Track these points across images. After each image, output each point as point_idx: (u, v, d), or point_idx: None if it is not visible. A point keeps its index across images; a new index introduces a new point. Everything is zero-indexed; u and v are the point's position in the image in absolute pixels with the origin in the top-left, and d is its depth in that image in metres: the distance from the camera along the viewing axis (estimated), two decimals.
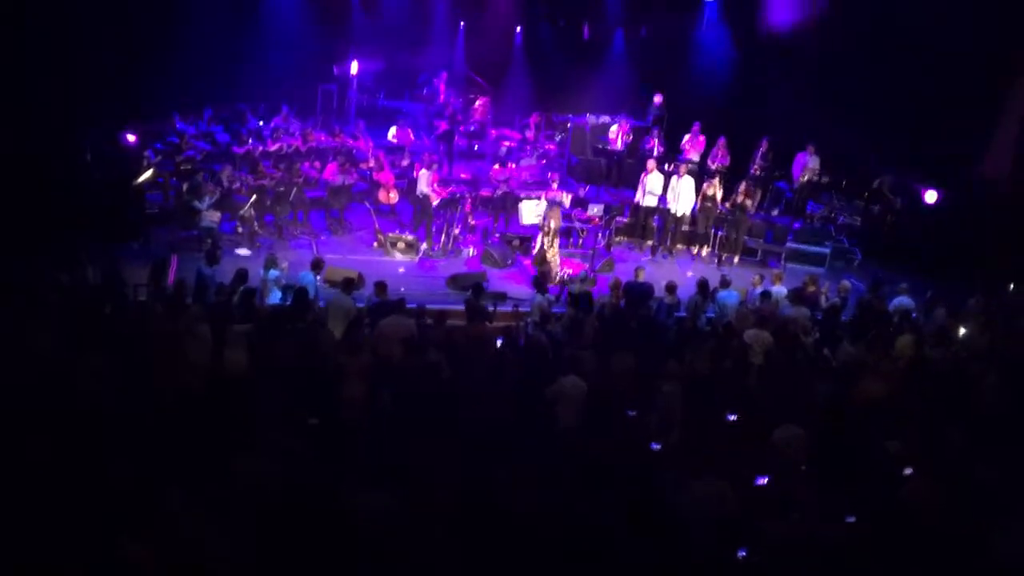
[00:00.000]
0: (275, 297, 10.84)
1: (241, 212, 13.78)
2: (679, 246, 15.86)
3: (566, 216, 14.70)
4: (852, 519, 6.78)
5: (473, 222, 15.10)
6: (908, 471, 7.48)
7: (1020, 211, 15.18)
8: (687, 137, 17.50)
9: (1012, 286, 13.64)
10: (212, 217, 13.39)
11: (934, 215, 16.08)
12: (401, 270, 13.69)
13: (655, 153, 16.75)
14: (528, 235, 14.72)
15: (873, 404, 9.20)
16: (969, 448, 7.89)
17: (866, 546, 6.45)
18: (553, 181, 15.04)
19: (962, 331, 11.67)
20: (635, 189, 15.87)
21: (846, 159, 17.29)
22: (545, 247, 13.57)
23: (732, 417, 8.31)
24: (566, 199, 14.93)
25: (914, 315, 12.20)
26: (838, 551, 6.21)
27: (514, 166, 16.86)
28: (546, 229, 13.58)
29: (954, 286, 13.60)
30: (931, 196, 16.06)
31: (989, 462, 7.58)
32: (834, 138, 17.01)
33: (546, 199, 14.45)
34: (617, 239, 15.85)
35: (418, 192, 14.70)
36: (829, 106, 17.34)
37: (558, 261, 13.65)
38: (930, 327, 11.53)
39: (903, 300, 12.45)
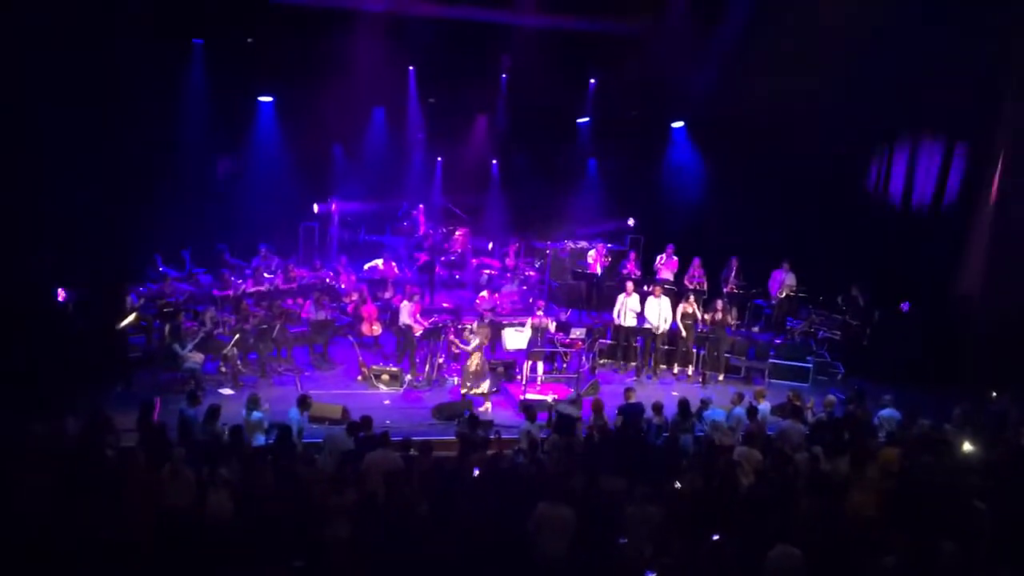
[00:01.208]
0: (259, 440, 10.73)
1: (224, 351, 13.80)
2: (662, 366, 15.93)
3: (549, 341, 14.80)
4: None
5: (457, 351, 15.16)
6: None
7: (993, 323, 15.38)
8: (661, 258, 17.88)
9: (994, 394, 13.68)
10: (195, 358, 13.41)
11: (910, 327, 16.27)
12: (387, 402, 13.64)
13: (632, 275, 17.02)
14: (512, 360, 14.78)
15: (863, 519, 9.13)
16: (965, 562, 7.78)
17: None
18: (539, 308, 15.19)
19: (959, 442, 11.62)
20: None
21: (822, 272, 17.58)
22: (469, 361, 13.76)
23: (716, 537, 8.16)
24: (551, 325, 15.05)
25: (899, 425, 12.18)
26: None
27: (497, 294, 17.06)
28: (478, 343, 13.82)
29: (936, 397, 13.67)
30: (905, 307, 16.35)
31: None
32: (807, 254, 17.38)
33: (531, 325, 14.59)
34: (601, 362, 15.91)
35: (400, 323, 14.81)
36: (800, 223, 17.80)
37: (477, 372, 13.72)
38: (915, 436, 11.48)
39: (889, 412, 12.46)
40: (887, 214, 17.64)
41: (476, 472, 9.64)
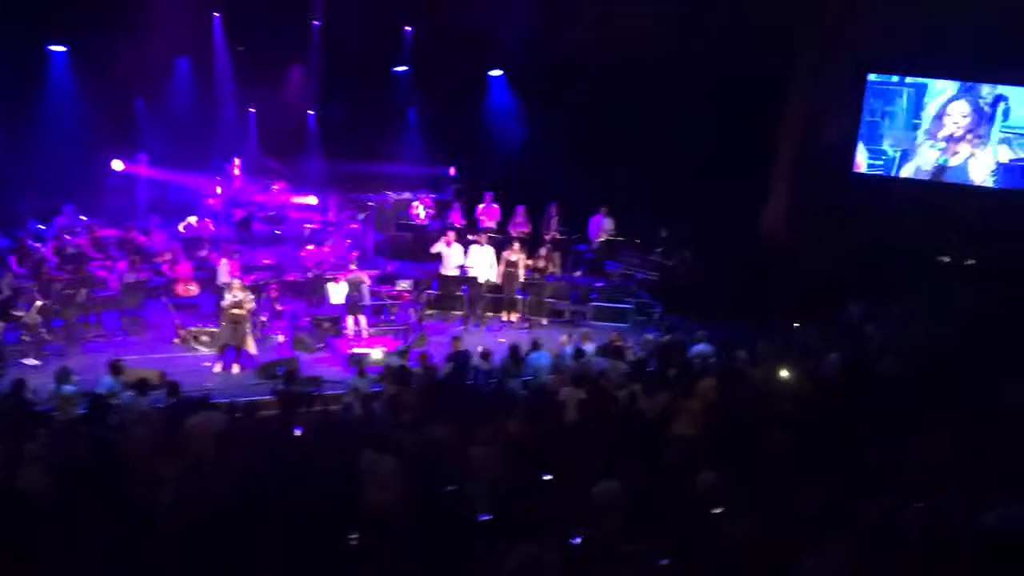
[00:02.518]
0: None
1: (24, 319, 12.89)
2: (488, 314, 16.12)
3: (375, 293, 14.68)
4: (666, 562, 6.90)
5: (280, 308, 14.78)
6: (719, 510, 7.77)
7: (796, 257, 16.42)
8: (481, 207, 18.00)
9: (797, 325, 14.62)
10: None
11: (722, 265, 17.12)
12: (207, 364, 13.17)
13: (458, 225, 17.08)
14: (338, 315, 14.57)
15: (686, 447, 9.62)
16: (782, 480, 8.30)
17: None
18: (351, 261, 14.97)
19: (760, 371, 12.37)
20: (437, 260, 16.09)
21: (638, 215, 18.15)
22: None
23: (548, 477, 8.38)
24: (366, 278, 14.89)
25: (712, 360, 12.85)
26: None
27: (323, 248, 16.71)
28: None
29: (746, 330, 14.45)
30: (716, 246, 17.20)
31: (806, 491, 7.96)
32: (624, 198, 17.90)
33: (346, 279, 14.40)
34: (428, 312, 15.92)
35: (219, 283, 14.27)
36: (616, 166, 18.28)
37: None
38: (728, 368, 12.14)
39: (703, 347, 13.11)
40: (698, 155, 18.33)
41: (300, 430, 9.49)
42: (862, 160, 17.39)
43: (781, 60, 16.87)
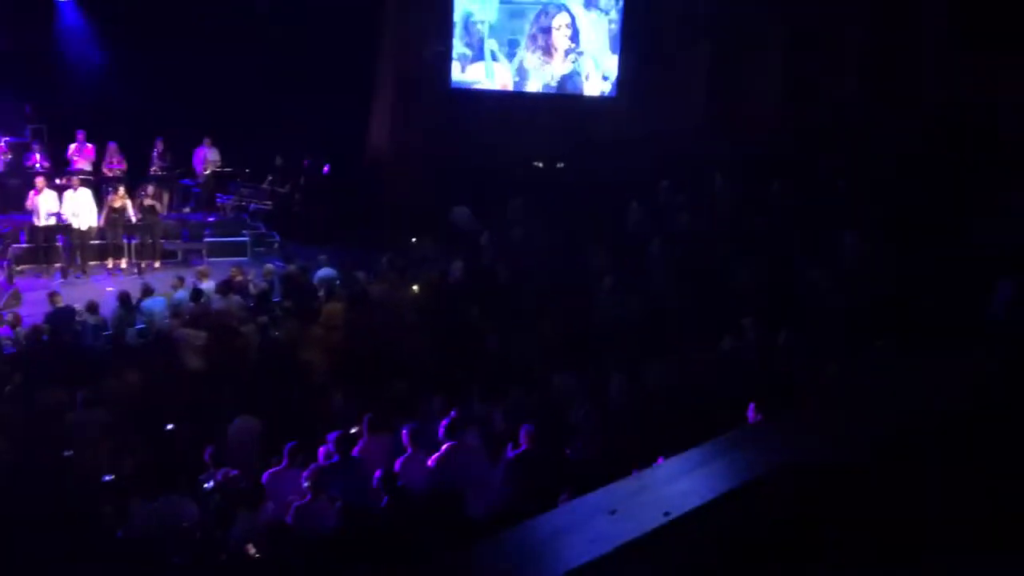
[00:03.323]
0: None
1: None
2: (92, 263, 14.87)
3: None
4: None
5: None
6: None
7: (400, 177, 16.91)
8: (73, 147, 16.31)
9: (414, 240, 15.11)
10: None
11: (333, 188, 17.17)
12: None
13: (40, 169, 15.41)
14: None
15: (318, 372, 9.72)
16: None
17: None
18: None
19: (383, 286, 12.66)
20: (27, 212, 14.47)
21: (244, 145, 17.53)
22: None
23: (170, 427, 8.06)
24: None
25: (338, 282, 12.93)
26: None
27: None
28: None
29: (364, 250, 14.68)
30: (326, 169, 17.21)
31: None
32: (229, 127, 17.17)
33: None
34: (19, 269, 14.32)
35: None
36: (219, 95, 17.41)
37: None
38: (353, 290, 12.29)
39: (325, 271, 13.12)
40: (301, 83, 17.99)
41: None
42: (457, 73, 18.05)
43: None
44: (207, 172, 17.26)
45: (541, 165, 17.18)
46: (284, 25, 17.17)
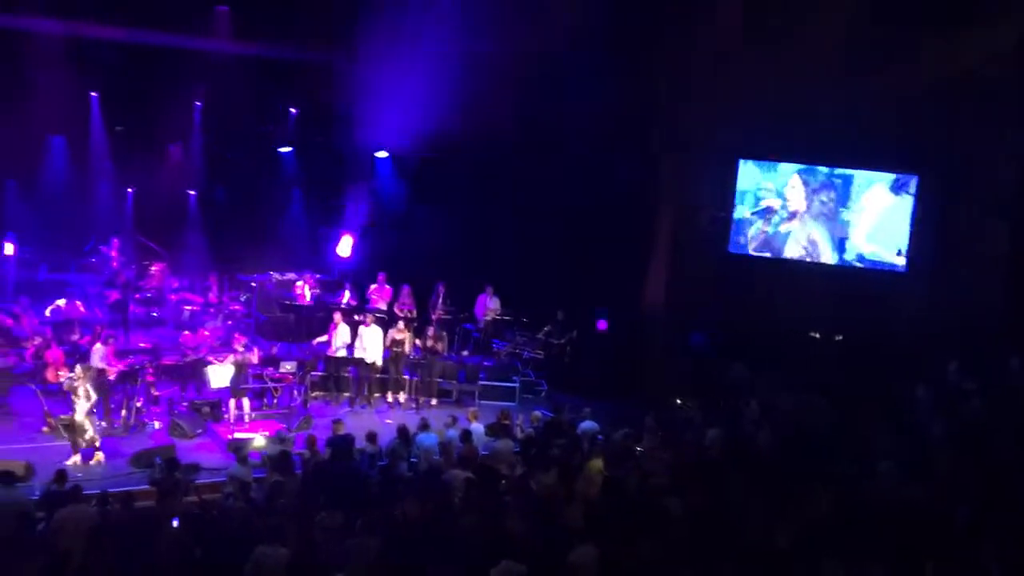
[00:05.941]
0: None
1: None
2: (375, 395, 15.92)
3: (257, 376, 14.34)
4: None
5: (156, 393, 14.25)
6: None
7: (675, 334, 16.95)
8: (373, 287, 17.90)
9: (678, 401, 14.99)
10: None
11: (605, 343, 17.49)
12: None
13: (346, 306, 16.95)
14: (218, 399, 14.14)
15: (575, 530, 9.61)
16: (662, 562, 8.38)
17: None
18: (239, 343, 14.55)
19: (645, 446, 12.57)
20: (325, 343, 15.85)
21: (523, 297, 18.37)
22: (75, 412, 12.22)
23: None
24: (254, 358, 14.50)
25: (600, 437, 12.98)
26: None
27: (203, 331, 16.23)
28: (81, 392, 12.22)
29: (630, 407, 14.72)
30: (601, 325, 17.58)
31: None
32: (509, 278, 18.15)
33: (233, 361, 14.02)
34: (314, 395, 15.61)
35: (93, 367, 13.66)
36: (503, 247, 18.58)
37: (89, 425, 12.29)
38: (614, 447, 12.27)
39: (588, 424, 13.24)
40: (578, 232, 18.76)
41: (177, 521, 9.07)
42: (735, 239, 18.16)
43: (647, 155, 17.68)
44: (487, 319, 18.19)
45: (818, 336, 16.62)
46: (570, 189, 18.15)
